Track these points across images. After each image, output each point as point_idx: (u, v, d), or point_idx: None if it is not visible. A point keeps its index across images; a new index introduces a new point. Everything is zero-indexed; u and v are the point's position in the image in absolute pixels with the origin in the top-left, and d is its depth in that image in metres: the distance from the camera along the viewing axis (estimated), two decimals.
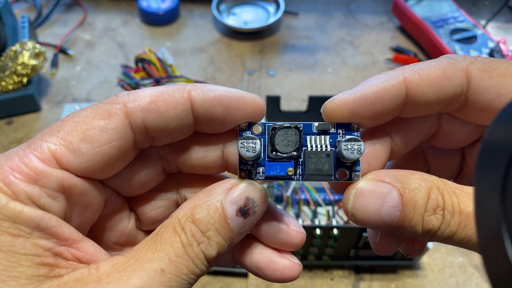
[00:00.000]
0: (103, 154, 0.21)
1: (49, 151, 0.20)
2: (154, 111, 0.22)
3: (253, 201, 0.22)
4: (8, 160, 0.20)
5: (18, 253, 0.19)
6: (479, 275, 0.58)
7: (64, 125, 0.21)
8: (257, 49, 0.89)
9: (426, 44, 0.86)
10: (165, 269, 0.20)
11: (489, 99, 0.23)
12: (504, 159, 0.14)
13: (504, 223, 0.14)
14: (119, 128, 0.21)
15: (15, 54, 0.71)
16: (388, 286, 0.57)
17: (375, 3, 1.00)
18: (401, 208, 0.21)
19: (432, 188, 0.21)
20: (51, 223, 0.20)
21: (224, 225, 0.22)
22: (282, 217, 0.25)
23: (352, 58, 0.88)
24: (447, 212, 0.21)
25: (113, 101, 0.22)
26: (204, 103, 0.22)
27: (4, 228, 0.19)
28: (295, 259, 0.25)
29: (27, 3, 0.97)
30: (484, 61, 0.23)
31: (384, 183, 0.22)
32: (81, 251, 0.21)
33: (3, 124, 0.74)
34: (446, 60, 0.23)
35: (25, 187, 0.19)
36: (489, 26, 0.93)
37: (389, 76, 0.23)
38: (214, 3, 0.92)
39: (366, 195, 0.22)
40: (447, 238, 0.22)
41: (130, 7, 0.98)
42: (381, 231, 0.24)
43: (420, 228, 0.21)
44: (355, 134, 0.24)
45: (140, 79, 0.69)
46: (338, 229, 0.51)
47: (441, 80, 0.23)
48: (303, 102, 0.78)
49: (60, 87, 0.80)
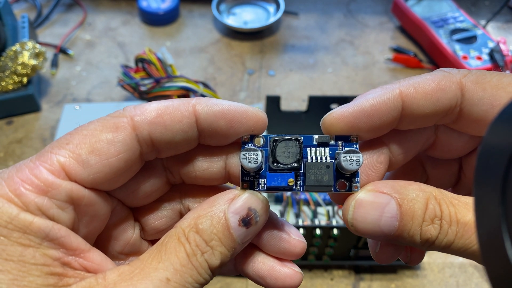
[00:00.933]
0: (110, 166, 0.22)
1: (59, 163, 0.21)
2: (160, 124, 0.22)
3: (255, 211, 0.23)
4: (19, 172, 0.20)
5: (28, 263, 0.19)
6: (479, 275, 0.58)
7: (73, 137, 0.22)
8: (257, 49, 0.89)
9: (426, 44, 0.86)
10: (170, 278, 0.21)
11: (483, 111, 0.23)
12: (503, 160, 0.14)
13: (504, 223, 0.14)
14: (126, 141, 0.22)
15: (15, 54, 0.71)
16: (388, 286, 0.57)
17: (375, 3, 1.00)
18: (400, 218, 0.22)
19: (429, 199, 0.22)
20: (60, 233, 0.20)
21: (227, 235, 0.22)
22: (283, 227, 0.26)
23: (352, 58, 0.88)
24: (444, 222, 0.22)
25: (120, 115, 0.22)
26: (209, 117, 0.23)
27: (15, 239, 0.19)
28: (296, 267, 0.26)
29: (27, 3, 0.97)
30: (478, 74, 0.24)
31: (382, 194, 0.23)
32: (88, 260, 0.22)
33: (3, 124, 0.74)
34: (441, 74, 0.24)
35: (35, 198, 0.20)
36: (489, 26, 0.93)
37: (385, 90, 0.24)
38: (214, 3, 0.92)
39: (365, 206, 0.23)
40: (445, 247, 0.22)
41: (130, 7, 0.98)
42: (380, 241, 0.25)
43: (418, 238, 0.22)
44: (354, 146, 0.24)
45: (140, 79, 0.69)
46: (338, 229, 0.51)
47: (436, 92, 0.23)
48: (303, 102, 0.78)
49: (60, 87, 0.80)
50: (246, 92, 0.80)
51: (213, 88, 0.75)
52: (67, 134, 0.22)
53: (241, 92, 0.80)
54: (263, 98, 0.79)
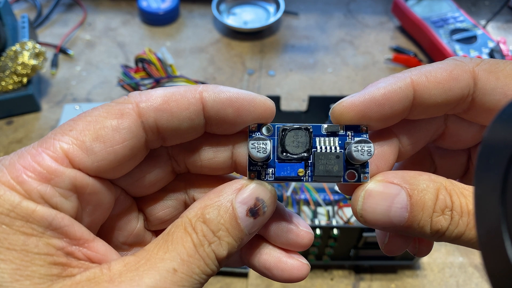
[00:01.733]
0: (115, 153, 0.21)
1: (62, 150, 0.20)
2: (167, 111, 0.22)
3: (263, 201, 0.23)
4: (21, 158, 0.20)
5: (31, 252, 0.19)
6: (479, 275, 0.58)
7: (77, 124, 0.21)
8: (257, 49, 0.89)
9: (426, 44, 0.86)
10: (177, 269, 0.20)
11: (496, 100, 0.23)
12: (504, 159, 0.14)
13: (504, 223, 0.14)
14: (132, 128, 0.21)
15: (15, 54, 0.71)
16: (388, 286, 0.57)
17: (375, 3, 1.00)
18: (410, 209, 0.22)
19: (440, 189, 0.22)
20: (64, 222, 0.20)
21: (235, 225, 0.22)
22: (291, 218, 0.25)
23: (352, 58, 0.88)
24: (455, 212, 0.21)
25: (125, 101, 0.22)
26: (216, 104, 0.22)
27: (17, 227, 0.19)
28: (303, 259, 0.25)
29: (27, 3, 0.97)
30: (491, 62, 0.23)
31: (392, 185, 0.22)
32: (92, 250, 0.21)
33: (3, 124, 0.74)
34: (453, 62, 0.24)
35: (37, 186, 0.19)
36: (489, 26, 0.93)
37: (397, 79, 0.23)
38: (214, 3, 0.92)
39: (375, 197, 0.22)
40: (455, 238, 0.22)
41: (130, 7, 0.98)
42: (390, 232, 0.25)
43: (428, 229, 0.22)
44: (364, 136, 0.24)
45: (140, 79, 0.69)
46: (338, 229, 0.51)
47: (448, 81, 0.23)
48: (303, 102, 0.78)
49: (60, 87, 0.80)
50: None
51: None
52: (70, 120, 0.21)
53: None
54: None
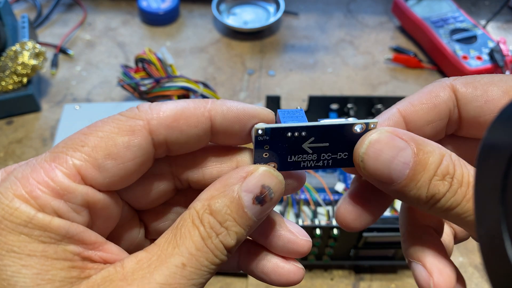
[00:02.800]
0: (126, 169, 0.22)
1: (75, 166, 0.21)
2: (177, 129, 0.22)
3: (269, 188, 0.22)
4: (33, 172, 0.20)
5: (50, 258, 0.20)
6: (479, 275, 0.58)
7: (88, 139, 0.21)
8: (257, 49, 0.89)
9: (426, 44, 0.86)
10: (186, 263, 0.21)
11: (477, 107, 0.24)
12: (504, 159, 0.14)
13: (504, 223, 0.14)
14: (143, 145, 0.22)
15: (15, 54, 0.71)
16: (388, 286, 0.57)
17: (375, 3, 1.00)
18: (412, 167, 0.22)
19: (445, 156, 0.22)
20: (79, 229, 0.21)
21: (242, 214, 0.22)
22: (289, 227, 0.26)
23: (352, 58, 0.88)
24: (456, 180, 0.21)
25: (136, 116, 0.22)
26: (224, 122, 0.23)
27: (36, 236, 0.19)
28: (298, 264, 0.26)
29: (27, 3, 0.97)
30: (466, 77, 0.25)
31: (401, 139, 0.22)
32: (107, 252, 0.22)
33: (3, 124, 0.74)
34: (431, 84, 0.25)
35: (51, 201, 0.20)
36: (489, 26, 0.93)
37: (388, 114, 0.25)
38: (214, 3, 0.92)
39: (381, 143, 0.22)
40: (449, 208, 0.22)
41: (130, 7, 0.98)
42: (381, 188, 0.24)
43: (425, 192, 0.22)
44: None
45: (140, 79, 0.69)
46: (338, 229, 0.51)
47: (430, 99, 0.24)
48: (303, 102, 0.78)
49: (60, 87, 0.80)
50: (246, 92, 0.80)
51: (213, 88, 0.75)
52: (81, 134, 0.22)
53: (241, 92, 0.80)
54: (263, 98, 0.79)
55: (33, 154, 0.69)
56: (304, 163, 0.24)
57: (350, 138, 0.24)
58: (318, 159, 0.24)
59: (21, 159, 0.68)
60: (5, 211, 0.19)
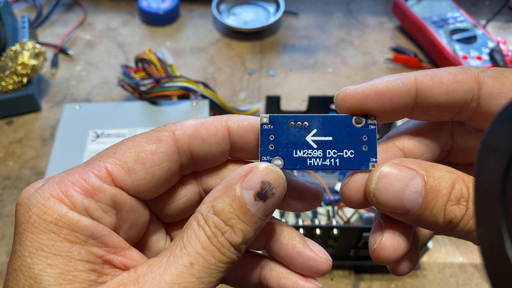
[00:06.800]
0: (153, 174, 0.24)
1: (106, 169, 0.23)
2: (198, 137, 0.25)
3: (269, 183, 0.23)
4: (69, 176, 0.22)
5: (74, 259, 0.21)
6: (479, 275, 0.58)
7: (119, 148, 0.24)
8: (257, 49, 0.89)
9: (426, 44, 0.86)
10: (194, 262, 0.22)
11: (501, 104, 0.23)
12: (504, 159, 0.14)
13: (504, 223, 0.14)
14: (168, 152, 0.24)
15: (15, 54, 0.71)
16: (388, 286, 0.57)
17: (375, 3, 1.00)
18: (424, 195, 0.21)
19: (457, 179, 0.22)
20: (104, 232, 0.22)
21: (245, 211, 0.22)
22: (310, 246, 0.26)
23: (352, 58, 0.88)
24: (471, 203, 0.21)
25: (162, 129, 0.25)
26: (240, 130, 0.25)
27: (64, 235, 0.21)
28: (318, 283, 0.26)
29: (27, 3, 0.97)
30: (496, 69, 0.24)
31: (409, 169, 0.22)
32: (129, 258, 0.23)
33: (3, 124, 0.74)
34: (459, 68, 0.24)
35: (82, 199, 0.22)
36: (489, 26, 0.93)
37: (402, 75, 0.24)
38: (214, 3, 0.92)
39: (389, 177, 0.22)
40: (469, 231, 0.21)
41: (130, 7, 0.98)
42: (400, 219, 0.24)
43: (441, 218, 0.21)
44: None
45: (140, 79, 0.69)
46: (338, 229, 0.51)
47: (451, 83, 0.23)
48: (303, 102, 0.78)
49: (60, 87, 0.80)
50: (246, 92, 0.80)
51: (213, 88, 0.75)
52: (114, 145, 0.24)
53: (241, 92, 0.80)
54: (263, 98, 0.79)
55: (33, 154, 0.69)
56: (310, 161, 0.25)
57: (351, 132, 0.24)
58: (324, 156, 0.25)
59: (21, 159, 0.68)
60: (40, 210, 0.21)
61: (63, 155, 0.61)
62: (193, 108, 0.67)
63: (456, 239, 0.58)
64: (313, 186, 0.27)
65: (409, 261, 0.26)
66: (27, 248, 0.21)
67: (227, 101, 0.77)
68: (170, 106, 0.68)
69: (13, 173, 0.67)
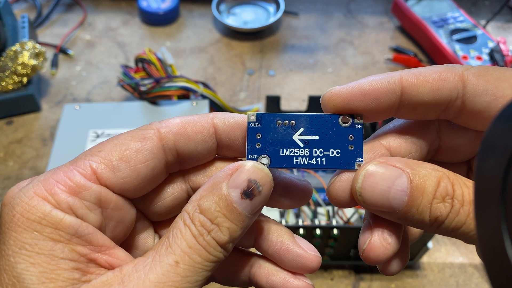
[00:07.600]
0: (138, 172, 0.23)
1: (91, 167, 0.23)
2: (184, 135, 0.25)
3: (255, 181, 0.23)
4: (54, 174, 0.22)
5: (57, 257, 0.21)
6: (479, 275, 0.58)
7: (104, 146, 0.24)
8: (257, 49, 0.89)
9: (426, 44, 0.86)
10: (179, 261, 0.21)
11: (485, 102, 0.23)
12: (504, 159, 0.14)
13: (504, 223, 0.14)
14: (153, 150, 0.24)
15: (15, 54, 0.71)
16: (388, 286, 0.57)
17: (375, 3, 1.00)
18: (410, 193, 0.22)
19: (442, 177, 0.22)
20: (88, 230, 0.22)
21: (232, 209, 0.22)
22: (299, 243, 0.26)
23: (352, 58, 0.88)
24: (456, 201, 0.21)
25: (147, 127, 0.25)
26: (226, 128, 0.25)
27: (47, 234, 0.21)
28: (308, 280, 0.26)
29: (27, 3, 0.97)
30: (480, 67, 0.24)
31: (394, 168, 0.22)
32: (113, 257, 0.23)
33: (3, 124, 0.74)
34: (444, 66, 0.24)
35: (67, 197, 0.22)
36: (489, 26, 0.93)
37: (387, 75, 0.24)
38: (214, 3, 0.92)
39: (375, 176, 0.23)
40: (455, 228, 0.21)
41: (130, 7, 0.98)
42: (386, 217, 0.24)
43: (427, 215, 0.22)
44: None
45: (140, 79, 0.69)
46: (338, 229, 0.51)
47: (436, 81, 0.24)
48: (303, 102, 0.78)
49: (60, 87, 0.80)
50: (246, 92, 0.80)
51: (213, 88, 0.75)
52: (100, 143, 0.24)
53: (241, 92, 0.80)
54: (263, 98, 0.79)
55: (33, 154, 0.69)
56: (297, 159, 0.25)
57: (338, 131, 0.25)
58: (311, 155, 0.25)
59: (21, 159, 0.69)
60: (23, 208, 0.21)
61: (63, 155, 0.61)
62: (193, 108, 0.67)
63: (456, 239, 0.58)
64: (301, 183, 0.27)
65: (399, 260, 0.26)
66: (10, 247, 0.20)
67: (227, 101, 0.77)
68: (170, 106, 0.68)
69: (13, 173, 0.67)
